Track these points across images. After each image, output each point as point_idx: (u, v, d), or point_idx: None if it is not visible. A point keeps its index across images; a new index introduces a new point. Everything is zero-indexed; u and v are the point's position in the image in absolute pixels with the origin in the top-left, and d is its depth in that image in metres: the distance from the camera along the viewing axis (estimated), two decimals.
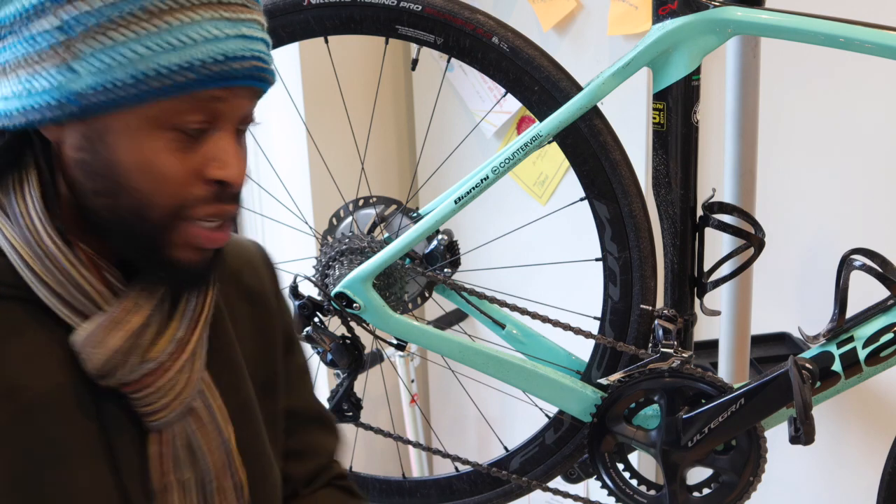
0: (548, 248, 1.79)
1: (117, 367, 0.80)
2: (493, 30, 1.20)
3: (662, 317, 1.22)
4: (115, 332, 0.80)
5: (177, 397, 0.84)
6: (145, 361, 0.81)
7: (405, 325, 1.29)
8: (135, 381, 0.81)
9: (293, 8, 1.24)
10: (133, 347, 0.81)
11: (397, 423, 2.05)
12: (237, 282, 0.98)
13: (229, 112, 0.79)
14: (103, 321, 0.80)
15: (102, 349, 0.79)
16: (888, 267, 1.10)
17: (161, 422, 0.84)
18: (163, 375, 0.83)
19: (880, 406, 1.90)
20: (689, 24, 1.11)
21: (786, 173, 1.86)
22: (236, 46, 0.77)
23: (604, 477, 1.26)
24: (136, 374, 0.81)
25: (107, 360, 0.79)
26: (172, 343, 0.83)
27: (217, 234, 0.83)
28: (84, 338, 0.79)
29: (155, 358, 0.82)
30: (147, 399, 0.82)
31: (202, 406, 0.88)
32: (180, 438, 0.86)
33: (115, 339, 0.80)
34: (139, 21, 0.74)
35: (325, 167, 1.53)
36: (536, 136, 1.18)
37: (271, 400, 0.99)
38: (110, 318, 0.80)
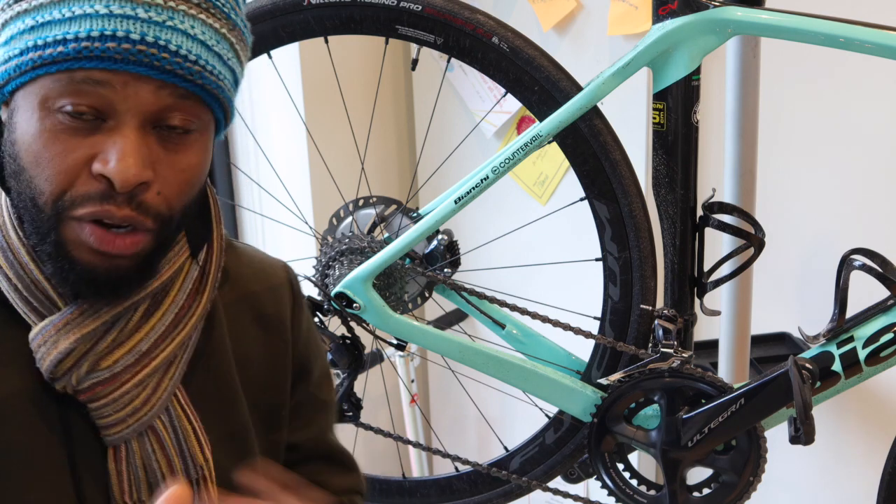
0: (548, 248, 1.79)
1: (68, 371, 0.78)
2: (493, 30, 1.20)
3: (662, 317, 1.22)
4: (67, 334, 0.77)
5: (134, 413, 0.81)
6: (96, 371, 0.78)
7: (405, 325, 1.29)
8: (86, 389, 0.79)
9: (293, 8, 1.24)
10: (86, 353, 0.78)
11: (397, 423, 2.05)
12: (253, 305, 0.94)
13: (122, 102, 0.73)
14: (57, 321, 0.77)
15: (53, 350, 0.77)
16: (888, 267, 1.10)
17: (115, 437, 0.81)
18: (117, 388, 0.80)
19: (880, 406, 1.90)
20: (689, 24, 1.11)
21: (786, 173, 1.86)
22: (122, 27, 0.71)
23: (604, 477, 1.26)
24: (86, 382, 0.78)
25: (57, 362, 0.77)
26: (132, 355, 0.80)
27: (108, 236, 0.75)
28: (36, 336, 0.77)
29: (107, 367, 0.79)
30: (101, 411, 0.79)
31: (165, 426, 0.84)
32: (138, 458, 0.82)
33: (66, 342, 0.77)
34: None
35: (325, 167, 1.53)
36: (536, 136, 1.18)
37: (274, 431, 0.95)
38: (64, 319, 0.77)
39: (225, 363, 0.90)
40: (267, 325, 0.95)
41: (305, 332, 1.00)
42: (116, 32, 0.71)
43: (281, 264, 1.01)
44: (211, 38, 0.76)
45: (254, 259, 0.98)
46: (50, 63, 0.72)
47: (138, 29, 0.72)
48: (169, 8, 0.73)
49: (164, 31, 0.73)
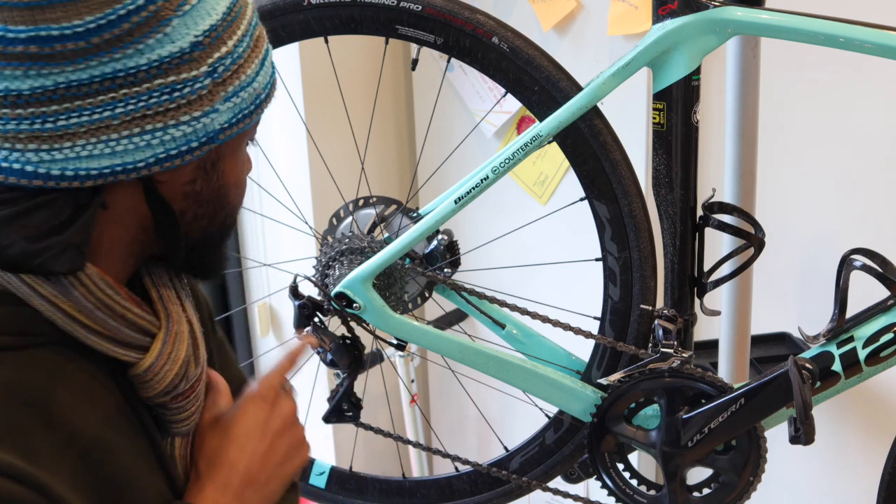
0: (548, 248, 1.79)
1: (182, 378, 0.82)
2: (493, 30, 1.20)
3: (662, 317, 1.22)
4: (181, 344, 0.82)
5: (203, 398, 0.87)
6: (198, 366, 0.84)
7: (405, 325, 1.29)
8: (187, 390, 0.83)
9: (293, 8, 1.24)
10: (190, 356, 0.83)
11: (397, 423, 2.05)
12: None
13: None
14: (168, 337, 0.81)
15: (175, 363, 0.81)
16: (888, 267, 1.10)
17: (188, 427, 0.86)
18: (202, 380, 0.85)
19: (880, 406, 1.90)
20: (689, 24, 1.11)
21: (786, 173, 1.86)
22: (271, 65, 0.86)
23: (604, 477, 1.26)
24: (191, 382, 0.83)
25: (177, 373, 0.81)
26: (202, 342, 0.86)
27: None
28: (157, 360, 0.80)
29: (202, 361, 0.85)
30: (187, 405, 0.84)
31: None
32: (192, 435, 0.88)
33: (183, 350, 0.82)
34: (254, 53, 0.80)
35: (325, 167, 1.53)
36: (536, 136, 1.18)
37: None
38: (174, 332, 0.81)
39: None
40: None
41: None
42: (274, 66, 0.86)
43: None
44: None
45: None
46: (261, 106, 0.83)
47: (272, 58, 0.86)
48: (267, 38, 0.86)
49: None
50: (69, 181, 0.72)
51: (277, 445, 0.89)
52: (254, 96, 0.80)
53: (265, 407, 0.90)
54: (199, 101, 0.75)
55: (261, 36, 0.81)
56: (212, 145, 0.77)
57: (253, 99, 0.80)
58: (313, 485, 1.46)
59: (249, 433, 0.88)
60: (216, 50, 0.75)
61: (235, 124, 0.78)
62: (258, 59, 0.80)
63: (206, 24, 0.74)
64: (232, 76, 0.77)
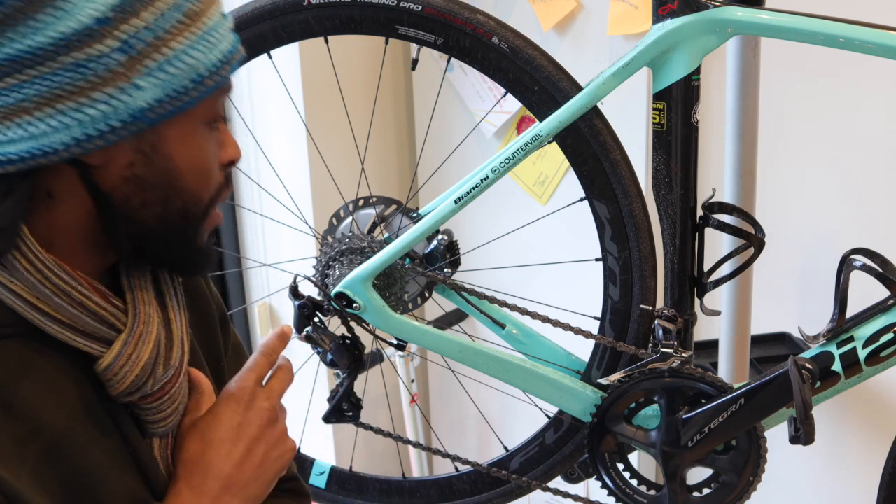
0: (548, 248, 1.79)
1: (147, 379, 0.80)
2: (493, 30, 1.20)
3: (662, 317, 1.22)
4: (144, 346, 0.80)
5: (182, 400, 0.85)
6: (168, 369, 0.82)
7: (405, 325, 1.29)
8: (157, 391, 0.82)
9: (293, 8, 1.24)
10: (157, 358, 0.81)
11: (397, 423, 2.05)
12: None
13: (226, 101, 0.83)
14: (131, 337, 0.79)
15: (136, 365, 0.79)
16: (888, 267, 1.10)
17: (166, 428, 0.84)
18: (177, 381, 0.84)
19: (880, 406, 1.90)
20: (689, 24, 1.11)
21: (786, 173, 1.86)
22: (231, 39, 0.80)
23: (604, 477, 1.26)
24: (160, 383, 0.81)
25: (139, 375, 0.79)
26: (179, 345, 0.84)
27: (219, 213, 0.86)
28: (116, 359, 0.78)
29: (173, 364, 0.82)
30: (160, 407, 0.83)
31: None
32: (173, 436, 0.87)
33: (146, 353, 0.80)
34: (187, 27, 0.75)
35: (325, 167, 1.53)
36: (536, 136, 1.18)
37: (220, 373, 1.00)
38: (137, 333, 0.80)
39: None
40: (187, 286, 0.97)
41: (210, 282, 1.05)
42: (233, 46, 0.80)
43: None
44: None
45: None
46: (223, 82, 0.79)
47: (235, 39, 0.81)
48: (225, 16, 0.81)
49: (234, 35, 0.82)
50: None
51: (255, 449, 0.88)
52: (190, 73, 0.75)
53: (239, 410, 0.89)
54: (113, 77, 0.71)
55: (202, 11, 0.76)
56: (141, 125, 0.74)
57: (190, 76, 0.75)
58: (313, 485, 1.46)
59: (224, 437, 0.87)
60: (126, 23, 0.71)
61: (167, 103, 0.74)
62: (193, 33, 0.75)
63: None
64: (152, 51, 0.73)
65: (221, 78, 0.78)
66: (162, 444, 0.86)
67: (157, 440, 0.85)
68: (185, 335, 0.86)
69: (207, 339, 1.00)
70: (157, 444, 0.85)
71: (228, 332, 1.07)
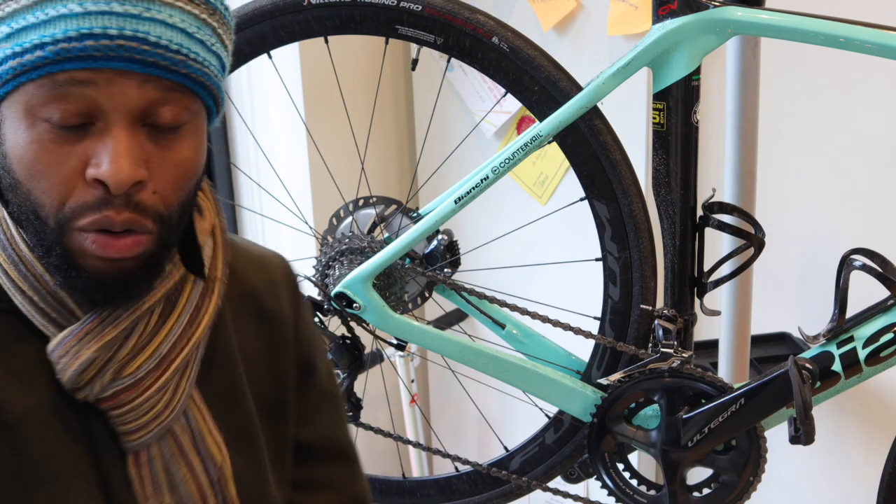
0: (548, 248, 1.79)
1: (91, 381, 0.76)
2: (493, 30, 1.20)
3: (662, 317, 1.22)
4: (87, 345, 0.76)
5: (155, 418, 0.80)
6: (120, 378, 0.77)
7: (405, 325, 1.29)
8: (109, 397, 0.77)
9: (293, 8, 1.24)
10: (109, 361, 0.77)
11: (397, 423, 2.05)
12: (255, 300, 0.93)
13: (107, 101, 0.70)
14: (77, 331, 0.76)
15: (75, 360, 0.75)
16: (888, 267, 1.10)
17: (136, 443, 0.80)
18: (141, 393, 0.78)
19: (880, 406, 1.90)
20: (689, 24, 1.11)
21: (786, 173, 1.86)
22: (99, 23, 0.69)
23: (604, 477, 1.26)
24: (110, 390, 0.77)
25: (80, 372, 0.76)
26: (153, 359, 0.79)
27: (110, 242, 0.73)
28: (56, 347, 0.76)
29: (130, 374, 0.77)
30: (123, 418, 0.78)
31: (183, 429, 0.83)
32: (158, 461, 0.82)
33: (89, 351, 0.75)
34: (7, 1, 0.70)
35: (325, 167, 1.53)
36: (536, 136, 1.18)
37: (279, 425, 0.94)
38: (84, 329, 0.76)
39: (232, 360, 0.89)
40: (269, 320, 0.94)
41: (306, 326, 0.98)
42: (93, 30, 0.69)
43: (279, 258, 0.99)
44: (191, 26, 0.73)
45: (252, 253, 0.97)
46: (31, 69, 0.69)
47: (115, 23, 0.69)
48: (158, 3, 0.71)
49: (143, 23, 0.70)
50: None
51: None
52: (4, 48, 0.70)
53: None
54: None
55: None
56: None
57: (2, 55, 0.70)
58: None
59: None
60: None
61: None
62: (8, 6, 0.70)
63: None
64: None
65: (27, 63, 0.69)
66: (136, 462, 0.81)
67: (132, 455, 0.80)
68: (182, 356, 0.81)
69: (275, 380, 0.94)
70: (132, 460, 0.81)
71: (313, 383, 0.98)
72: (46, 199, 0.72)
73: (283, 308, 0.95)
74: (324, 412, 1.00)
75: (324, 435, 1.00)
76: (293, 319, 0.96)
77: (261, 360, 0.92)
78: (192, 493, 0.84)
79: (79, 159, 0.71)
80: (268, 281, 0.95)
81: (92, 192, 0.71)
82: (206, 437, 0.85)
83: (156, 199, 0.74)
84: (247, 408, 0.90)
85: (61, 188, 0.71)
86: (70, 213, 0.72)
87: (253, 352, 0.92)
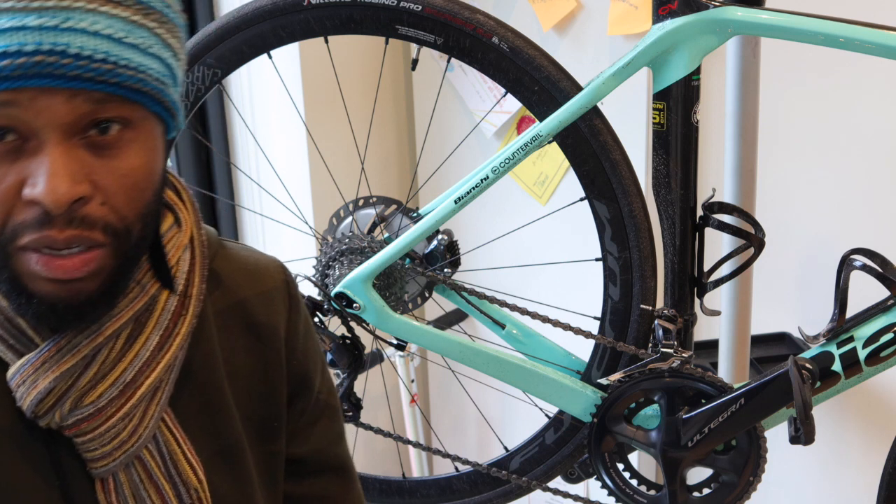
0: (548, 248, 1.79)
1: (50, 410, 0.74)
2: (493, 30, 1.20)
3: (662, 317, 1.22)
4: (44, 374, 0.73)
5: (120, 446, 0.77)
6: (80, 407, 0.75)
7: (405, 325, 1.29)
8: (70, 425, 0.75)
9: (293, 8, 1.24)
10: (68, 390, 0.74)
11: (397, 423, 2.05)
12: (244, 312, 0.89)
13: (35, 119, 0.67)
14: (33, 360, 0.74)
15: (33, 390, 0.73)
16: (888, 267, 1.10)
17: (102, 470, 0.78)
18: (103, 422, 0.76)
19: (880, 406, 1.90)
20: (689, 25, 1.11)
21: (786, 173, 1.86)
22: (14, 40, 0.64)
23: (604, 477, 1.26)
24: (70, 419, 0.75)
25: (38, 402, 0.74)
26: (116, 387, 0.76)
27: (57, 261, 0.69)
28: (14, 376, 0.74)
29: (91, 402, 0.75)
30: (86, 445, 0.76)
31: (152, 454, 0.80)
32: (126, 488, 0.79)
33: (45, 381, 0.73)
34: None
35: (325, 167, 1.53)
36: (536, 136, 1.18)
37: (269, 442, 0.91)
38: (41, 358, 0.74)
39: (214, 376, 0.86)
40: (259, 333, 0.90)
41: (303, 338, 0.94)
42: (8, 48, 0.64)
43: (276, 265, 0.95)
44: (120, 31, 0.68)
45: (247, 261, 0.93)
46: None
47: (31, 38, 0.65)
48: (63, 8, 0.66)
49: (62, 35, 0.65)
50: None
51: None
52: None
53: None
54: None
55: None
56: None
57: None
58: None
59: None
60: None
61: None
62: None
63: None
64: None
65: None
66: (105, 488, 0.79)
67: (99, 482, 0.79)
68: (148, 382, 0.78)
69: (265, 396, 0.90)
70: (100, 487, 0.79)
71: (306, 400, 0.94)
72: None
73: (276, 320, 0.91)
74: (319, 425, 0.96)
75: (319, 449, 0.97)
76: (286, 332, 0.92)
77: (249, 375, 0.89)
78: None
79: (15, 178, 0.68)
80: (261, 292, 0.91)
81: (31, 211, 0.68)
82: (180, 461, 0.81)
83: (104, 210, 0.70)
84: (231, 425, 0.87)
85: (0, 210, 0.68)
86: (11, 233, 0.69)
87: (240, 366, 0.88)
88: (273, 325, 0.91)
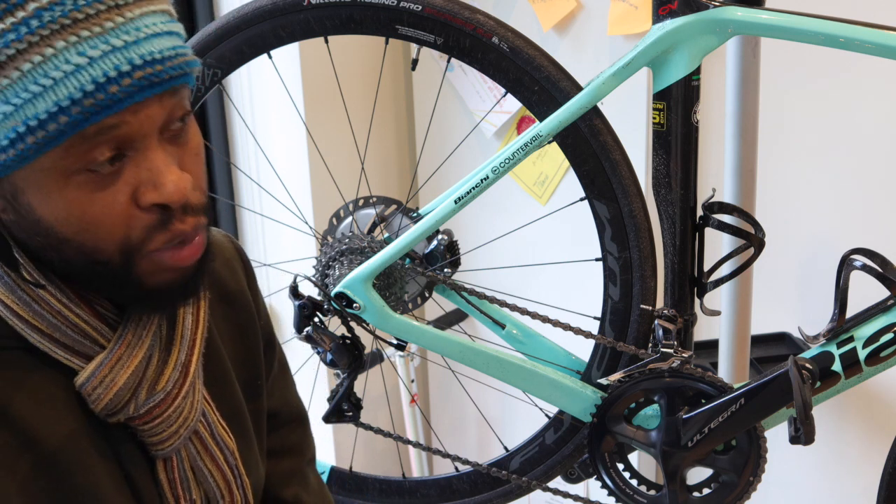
0: (548, 248, 1.79)
1: (126, 404, 0.78)
2: (493, 30, 1.20)
3: (662, 317, 1.22)
4: (121, 371, 0.77)
5: (184, 423, 0.82)
6: (154, 394, 0.79)
7: (405, 325, 1.29)
8: (143, 414, 0.79)
9: (293, 8, 1.24)
10: (140, 382, 0.78)
11: (397, 423, 2.05)
12: (216, 282, 0.95)
13: (139, 130, 0.70)
14: (107, 360, 0.76)
15: (110, 389, 0.76)
16: (888, 267, 1.10)
17: (168, 450, 0.82)
18: (171, 404, 0.80)
19: (880, 406, 1.90)
20: (689, 24, 1.11)
21: (786, 173, 1.86)
22: (111, 64, 0.67)
23: (604, 477, 1.26)
24: (144, 408, 0.79)
25: (115, 399, 0.77)
26: (177, 370, 0.81)
27: (185, 250, 0.75)
28: (89, 380, 0.76)
29: (162, 388, 0.79)
30: (155, 430, 0.80)
31: (204, 427, 0.86)
32: (186, 462, 0.84)
33: (122, 378, 0.77)
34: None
35: (325, 167, 1.53)
36: (536, 136, 1.18)
37: (255, 400, 0.97)
38: (115, 357, 0.77)
39: (216, 346, 0.91)
40: (230, 299, 0.96)
41: (262, 300, 1.02)
42: (109, 74, 0.66)
43: (227, 237, 1.01)
44: (167, 23, 0.72)
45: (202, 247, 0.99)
46: (56, 137, 0.66)
47: (123, 58, 0.67)
48: (129, 20, 0.68)
49: (142, 45, 0.68)
50: None
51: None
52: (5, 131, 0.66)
53: None
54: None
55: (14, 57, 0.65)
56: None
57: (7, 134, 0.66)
58: None
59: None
60: None
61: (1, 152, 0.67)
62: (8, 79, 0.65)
63: None
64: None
65: (51, 133, 0.66)
66: (167, 466, 0.83)
67: (160, 462, 0.83)
68: (195, 358, 0.83)
69: (245, 359, 0.97)
70: (162, 466, 0.83)
71: (273, 354, 1.03)
72: (104, 243, 0.71)
73: (241, 285, 0.98)
74: (282, 377, 1.05)
75: (286, 400, 1.05)
76: (253, 296, 0.99)
77: (233, 342, 0.95)
78: (219, 482, 0.87)
79: (126, 193, 0.71)
80: (224, 263, 0.97)
81: (151, 216, 0.72)
82: (218, 427, 0.87)
83: (199, 193, 0.76)
84: (233, 391, 0.93)
85: (120, 226, 0.71)
86: (138, 242, 0.72)
87: (226, 335, 0.94)
88: (241, 291, 0.98)
